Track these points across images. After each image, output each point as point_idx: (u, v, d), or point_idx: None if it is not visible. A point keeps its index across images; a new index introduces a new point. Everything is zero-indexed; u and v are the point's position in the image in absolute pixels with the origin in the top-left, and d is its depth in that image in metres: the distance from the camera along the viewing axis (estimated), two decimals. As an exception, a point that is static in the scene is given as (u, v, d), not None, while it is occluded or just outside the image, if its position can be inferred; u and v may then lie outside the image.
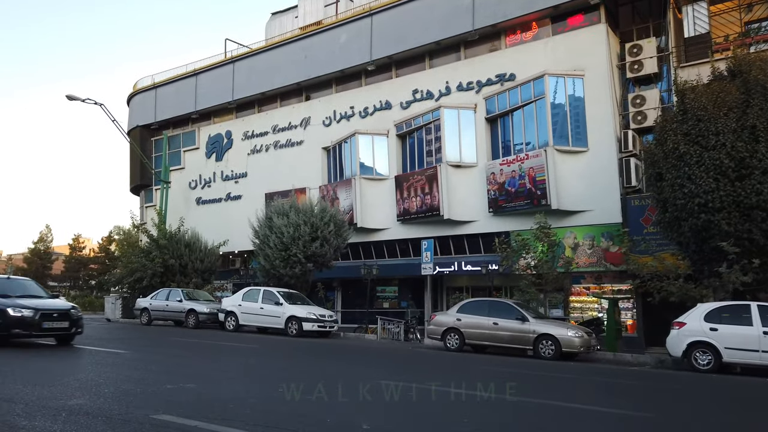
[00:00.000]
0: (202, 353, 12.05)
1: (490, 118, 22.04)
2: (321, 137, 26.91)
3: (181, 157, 32.22)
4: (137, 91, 34.44)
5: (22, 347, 10.77)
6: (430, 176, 22.27)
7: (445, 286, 25.26)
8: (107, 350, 11.09)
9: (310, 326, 17.91)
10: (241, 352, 12.25)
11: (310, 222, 20.99)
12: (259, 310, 18.83)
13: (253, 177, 29.24)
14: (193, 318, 20.23)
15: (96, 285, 67.91)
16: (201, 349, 12.70)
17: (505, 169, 20.78)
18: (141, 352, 11.28)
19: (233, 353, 12.16)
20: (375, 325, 21.75)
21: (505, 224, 21.27)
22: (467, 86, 22.58)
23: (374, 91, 25.33)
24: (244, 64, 29.57)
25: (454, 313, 15.01)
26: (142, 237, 27.82)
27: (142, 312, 21.91)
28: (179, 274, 25.24)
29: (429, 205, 22.32)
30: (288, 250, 20.80)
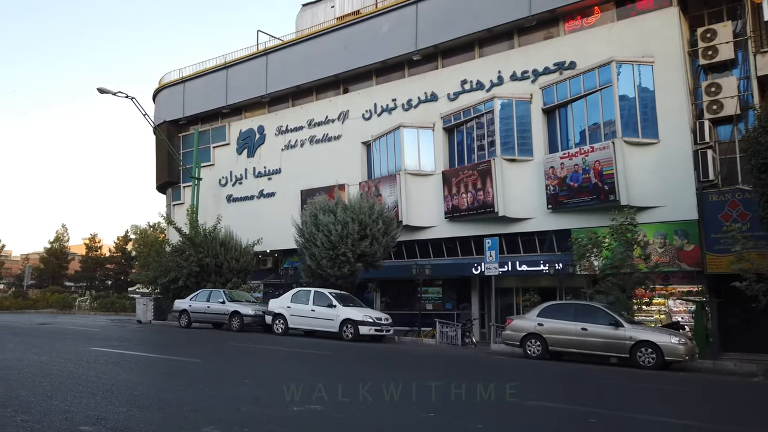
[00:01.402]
0: (278, 362, 10.88)
1: (548, 109, 20.81)
2: (360, 131, 25.77)
3: (211, 154, 31.17)
4: (164, 86, 33.43)
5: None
6: (482, 171, 21.05)
7: (493, 287, 24.01)
8: (175, 358, 9.96)
9: (366, 330, 16.77)
10: (320, 360, 11.10)
11: (358, 219, 19.85)
12: (310, 313, 17.70)
13: (287, 173, 28.14)
14: (238, 321, 19.13)
15: (113, 285, 67.27)
16: (270, 356, 11.53)
17: (567, 163, 19.53)
18: (213, 361, 10.12)
19: (312, 362, 11.01)
20: (427, 328, 20.63)
21: (565, 221, 20.04)
22: (522, 75, 21.34)
23: (418, 82, 24.14)
24: (278, 56, 28.47)
25: (534, 317, 13.79)
26: (173, 236, 26.76)
27: (181, 314, 20.84)
28: (214, 274, 24.19)
29: (482, 201, 21.11)
30: (336, 249, 19.66)
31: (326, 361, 11.19)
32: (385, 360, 12.11)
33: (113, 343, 13.26)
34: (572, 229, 19.88)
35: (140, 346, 12.55)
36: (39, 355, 9.50)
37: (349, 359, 11.94)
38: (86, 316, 32.30)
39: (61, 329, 17.43)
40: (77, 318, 28.87)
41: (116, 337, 15.24)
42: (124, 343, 13.26)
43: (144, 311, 25.63)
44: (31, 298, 39.03)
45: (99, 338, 14.06)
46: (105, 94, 24.84)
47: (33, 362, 8.62)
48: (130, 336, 15.99)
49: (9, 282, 74.79)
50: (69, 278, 71.67)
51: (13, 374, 7.30)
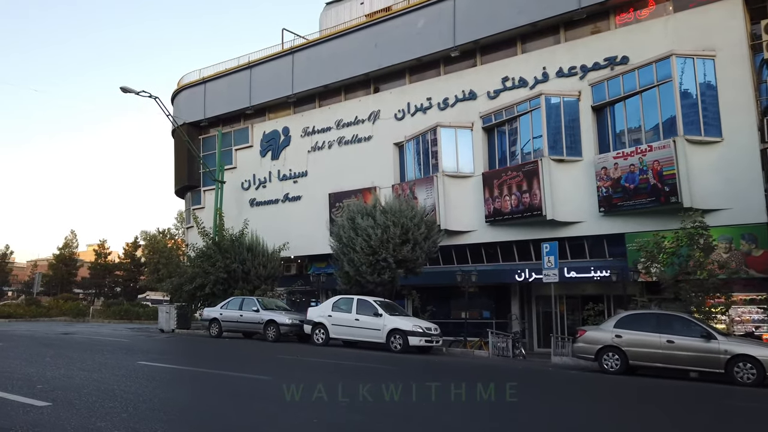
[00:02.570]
0: (350, 378, 9.73)
1: (598, 107, 19.75)
2: (392, 132, 24.75)
3: (233, 156, 30.17)
4: (183, 87, 32.49)
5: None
6: (529, 172, 19.97)
7: (533, 295, 22.93)
8: (239, 375, 8.85)
9: (416, 341, 15.64)
10: (392, 377, 9.97)
11: (400, 223, 18.77)
12: (354, 322, 16.59)
13: (314, 176, 27.11)
14: (274, 330, 18.02)
15: (122, 292, 66.30)
16: (333, 371, 10.39)
17: (621, 163, 18.44)
18: (283, 378, 8.95)
19: (385, 378, 9.87)
20: (473, 338, 19.53)
21: (618, 225, 18.94)
22: (569, 72, 20.30)
23: (455, 80, 23.12)
24: (305, 54, 27.51)
25: (611, 328, 12.64)
26: (194, 239, 25.67)
27: (211, 323, 19.73)
28: (241, 281, 23.13)
29: (528, 204, 20.01)
30: (376, 254, 18.57)
31: (398, 377, 10.07)
32: (458, 375, 10.98)
33: (154, 355, 12.17)
34: (626, 233, 18.81)
35: (187, 359, 11.47)
36: (88, 372, 8.42)
37: (419, 375, 10.82)
38: (103, 325, 31.22)
39: (88, 340, 16.35)
40: (95, 327, 27.78)
41: (153, 348, 14.16)
42: (166, 356, 12.18)
43: (167, 320, 24.50)
44: (44, 305, 37.96)
45: (137, 350, 12.98)
46: (128, 93, 23.92)
47: (87, 381, 7.54)
48: (166, 347, 14.92)
49: (17, 289, 73.88)
50: (77, 285, 70.71)
51: (74, 397, 6.23)
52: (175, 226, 67.73)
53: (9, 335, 16.42)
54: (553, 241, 17.35)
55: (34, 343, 13.66)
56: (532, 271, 20.80)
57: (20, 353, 11.06)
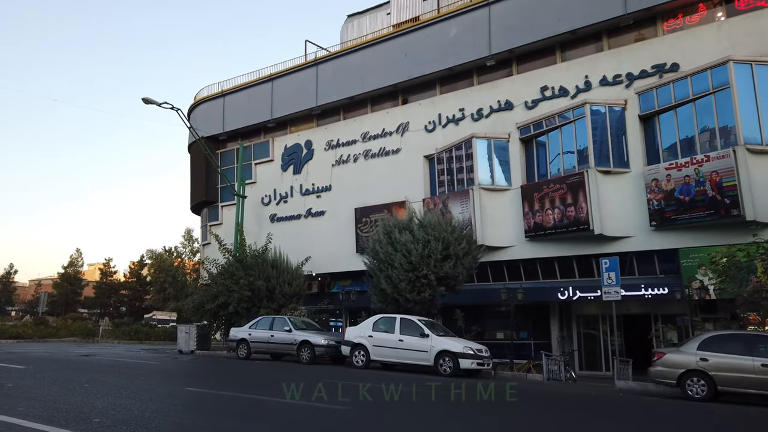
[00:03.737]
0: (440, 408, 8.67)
1: (645, 116, 18.86)
2: (422, 144, 23.87)
3: (253, 171, 29.25)
4: (201, 100, 31.71)
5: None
6: (573, 184, 19.01)
7: (573, 314, 21.82)
8: (310, 404, 7.75)
9: (468, 364, 14.52)
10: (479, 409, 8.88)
11: (440, 237, 17.76)
12: (398, 343, 15.47)
13: (338, 190, 26.16)
14: (308, 352, 16.89)
15: (127, 311, 65.07)
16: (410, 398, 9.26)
17: (674, 175, 17.48)
18: (360, 407, 7.85)
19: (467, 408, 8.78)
20: (520, 360, 18.39)
21: (672, 240, 17.92)
22: (614, 80, 19.46)
23: (490, 90, 22.29)
24: (330, 66, 26.76)
25: (694, 351, 11.55)
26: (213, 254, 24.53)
27: (239, 344, 18.59)
28: (266, 299, 22.04)
29: (573, 218, 19.01)
30: (416, 270, 17.53)
31: (484, 405, 8.96)
32: (542, 405, 9.87)
33: (196, 380, 11.07)
34: (680, 248, 17.79)
35: (233, 384, 10.36)
36: (139, 401, 7.35)
37: (507, 405, 9.70)
38: (116, 346, 30.02)
39: (113, 362, 15.24)
40: (109, 348, 26.61)
41: (188, 372, 13.07)
42: (208, 380, 11.08)
43: (186, 340, 23.35)
44: (52, 326, 36.75)
45: (173, 374, 11.91)
46: (150, 104, 23.08)
47: (145, 412, 6.48)
48: (200, 371, 13.81)
49: (20, 309, 72.55)
50: (82, 305, 69.43)
51: (146, 437, 5.18)
52: (182, 245, 66.79)
53: (29, 358, 15.32)
54: (614, 257, 16.28)
55: (61, 367, 12.56)
56: (576, 289, 19.75)
57: (52, 378, 9.99)
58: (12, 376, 10.25)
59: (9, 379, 9.64)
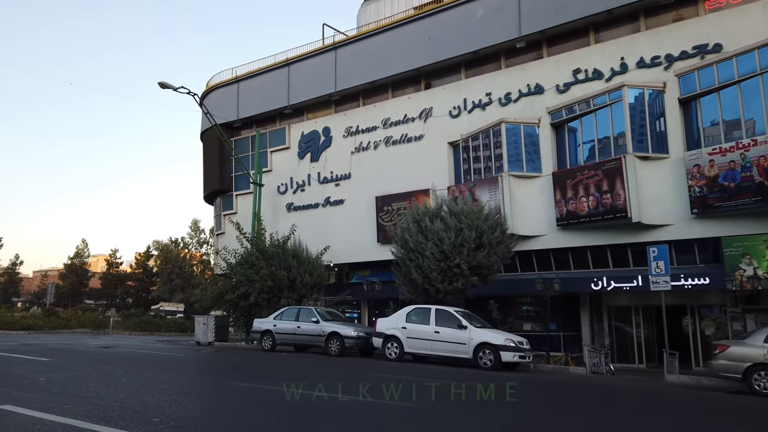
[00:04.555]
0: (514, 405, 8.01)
1: (685, 99, 18.10)
2: (446, 130, 23.12)
3: (268, 159, 28.53)
4: (214, 87, 30.95)
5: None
6: (610, 171, 18.29)
7: (604, 305, 21.17)
8: (371, 400, 7.10)
9: (510, 357, 13.87)
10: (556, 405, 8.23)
11: (474, 226, 17.06)
12: (434, 335, 14.82)
13: (358, 178, 25.45)
14: (337, 344, 16.24)
15: (134, 303, 64.65)
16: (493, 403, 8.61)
17: (718, 160, 16.76)
18: (431, 405, 7.19)
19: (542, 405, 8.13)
20: (555, 353, 17.76)
21: (715, 228, 17.23)
22: (652, 62, 18.68)
23: (519, 73, 21.51)
24: (349, 50, 25.97)
25: (761, 343, 10.89)
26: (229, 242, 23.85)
27: (263, 335, 17.96)
28: (287, 290, 21.39)
29: (609, 205, 18.30)
30: (448, 259, 16.85)
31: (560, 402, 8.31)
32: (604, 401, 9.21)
33: (236, 374, 10.44)
34: (723, 237, 17.10)
35: (275, 378, 9.70)
36: (190, 397, 6.71)
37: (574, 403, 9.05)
38: (129, 337, 29.47)
39: (138, 354, 14.64)
40: (123, 339, 26.05)
41: (220, 364, 12.45)
42: (248, 374, 10.43)
43: (204, 331, 22.77)
44: (62, 317, 36.22)
45: (209, 368, 11.29)
46: (166, 89, 22.37)
47: (204, 410, 5.85)
48: (234, 364, 13.15)
49: (27, 300, 72.11)
50: (88, 296, 68.97)
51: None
52: (189, 235, 66.20)
53: (49, 349, 14.69)
54: (663, 245, 15.58)
55: (87, 359, 11.92)
56: (611, 280, 19.08)
57: (85, 372, 9.34)
58: (41, 369, 9.62)
59: (39, 372, 9.01)
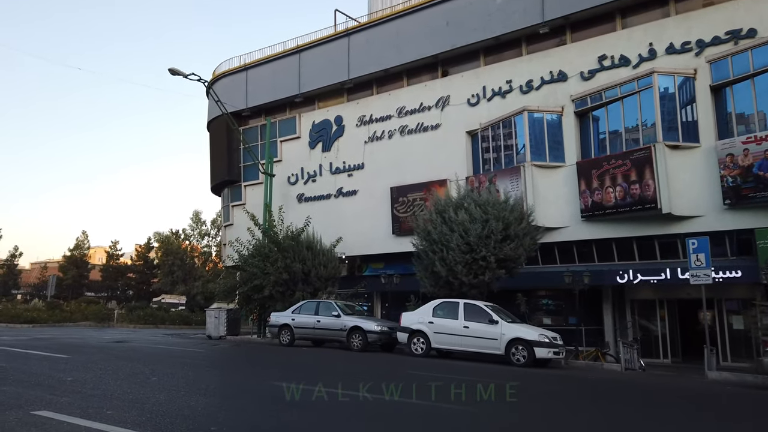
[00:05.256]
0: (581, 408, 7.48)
1: (717, 86, 17.50)
2: (464, 119, 22.47)
3: (278, 149, 27.84)
4: (222, 75, 30.20)
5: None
6: (639, 160, 17.71)
7: (627, 299, 20.64)
8: (426, 403, 6.55)
9: (544, 353, 13.35)
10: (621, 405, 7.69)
11: (500, 217, 16.50)
12: (463, 330, 14.29)
13: (372, 169, 24.81)
14: (360, 339, 15.71)
15: (135, 295, 64.14)
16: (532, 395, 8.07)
17: (753, 149, 16.19)
18: (484, 408, 6.65)
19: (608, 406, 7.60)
20: (585, 348, 17.25)
21: (748, 219, 16.66)
22: (682, 48, 18.06)
23: (541, 59, 20.86)
24: (362, 37, 25.26)
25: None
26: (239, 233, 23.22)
27: (281, 329, 17.42)
28: (301, 282, 20.85)
29: (637, 196, 17.73)
30: (474, 252, 16.29)
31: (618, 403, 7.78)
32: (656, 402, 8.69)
33: (270, 372, 9.85)
34: (756, 228, 16.57)
35: (313, 379, 9.14)
36: (246, 401, 6.14)
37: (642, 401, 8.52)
38: (136, 330, 28.94)
39: (156, 349, 14.07)
40: (132, 332, 25.51)
41: (250, 361, 11.89)
42: (283, 373, 9.84)
43: (216, 325, 22.25)
44: (66, 310, 35.65)
45: (239, 365, 10.72)
46: (176, 75, 21.72)
47: (267, 418, 5.26)
48: (263, 361, 12.58)
49: (26, 292, 71.46)
50: (88, 288, 68.37)
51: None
52: (190, 227, 65.54)
53: (63, 345, 14.13)
54: (703, 237, 15.00)
55: (107, 356, 11.35)
56: (637, 272, 18.54)
57: (111, 369, 8.78)
58: (63, 367, 9.06)
59: (63, 371, 8.45)
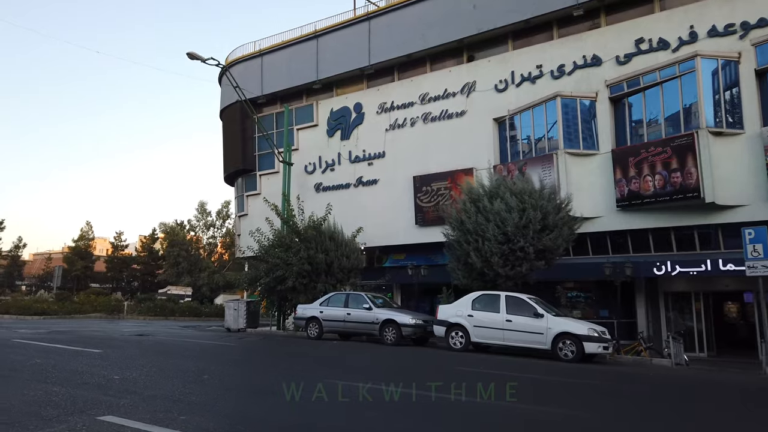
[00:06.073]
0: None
1: (762, 70, 16.80)
2: (491, 105, 21.76)
3: (295, 137, 27.11)
4: (236, 61, 29.40)
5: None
6: (680, 147, 17.02)
7: (660, 291, 20.03)
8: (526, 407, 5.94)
9: (594, 348, 12.75)
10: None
11: (538, 206, 15.84)
12: (505, 324, 13.67)
13: (393, 157, 24.12)
14: (393, 332, 15.10)
15: (140, 286, 63.67)
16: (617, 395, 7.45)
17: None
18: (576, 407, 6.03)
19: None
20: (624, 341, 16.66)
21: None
22: (725, 30, 17.34)
23: (573, 44, 20.13)
24: (384, 21, 24.49)
25: None
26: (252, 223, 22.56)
27: (308, 322, 16.81)
28: (324, 274, 20.22)
29: (679, 185, 17.06)
30: (511, 242, 15.65)
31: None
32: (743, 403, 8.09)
33: (321, 370, 9.22)
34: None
35: (371, 377, 8.53)
36: (331, 404, 5.50)
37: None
38: (149, 323, 28.36)
39: (189, 344, 13.46)
40: (148, 325, 24.91)
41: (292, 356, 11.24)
42: (332, 367, 9.23)
43: (235, 317, 21.65)
44: (75, 301, 35.07)
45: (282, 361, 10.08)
46: (195, 59, 21.02)
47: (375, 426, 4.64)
48: (301, 354, 11.96)
49: (30, 283, 70.94)
50: (93, 279, 67.83)
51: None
52: (196, 218, 64.90)
53: (87, 338, 13.52)
54: (761, 227, 14.32)
55: (143, 351, 10.71)
56: (676, 264, 17.91)
57: (156, 367, 8.14)
58: (101, 363, 8.44)
59: (104, 368, 7.83)
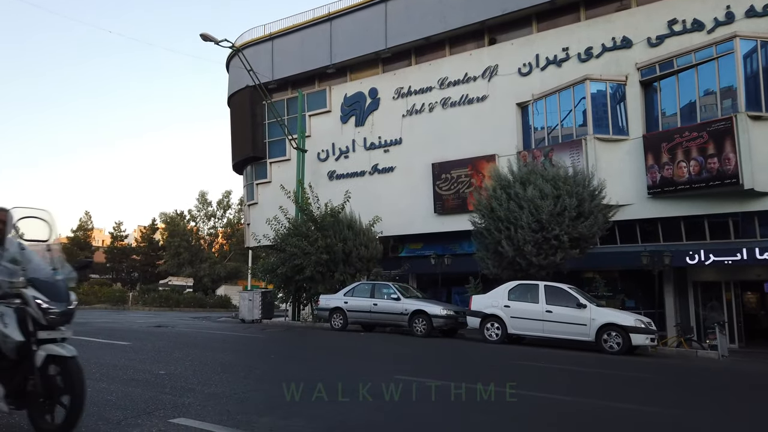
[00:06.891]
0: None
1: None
2: (514, 90, 21.05)
3: (307, 123, 26.35)
4: (245, 45, 28.49)
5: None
6: (717, 132, 16.40)
7: (689, 280, 19.50)
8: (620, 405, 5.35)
9: (642, 339, 12.20)
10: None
11: (574, 192, 15.23)
12: (544, 315, 13.09)
13: (410, 144, 23.42)
14: (424, 324, 14.50)
15: (140, 277, 62.97)
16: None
17: None
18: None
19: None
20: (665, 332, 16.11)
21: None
22: (764, 10, 16.67)
23: (602, 25, 19.43)
24: (401, 2, 23.66)
25: None
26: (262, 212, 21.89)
27: (332, 313, 16.20)
28: (342, 264, 19.61)
29: (715, 171, 16.45)
30: (545, 230, 15.04)
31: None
32: None
33: (380, 365, 8.60)
34: None
35: (438, 372, 7.93)
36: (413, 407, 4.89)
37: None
38: (157, 313, 27.78)
39: (211, 336, 12.85)
40: (158, 315, 24.32)
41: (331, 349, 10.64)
42: (384, 361, 8.62)
43: (250, 308, 21.09)
44: (80, 292, 34.41)
45: (329, 356, 9.46)
46: (208, 41, 20.32)
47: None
48: (338, 346, 11.34)
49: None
50: (93, 269, 67.12)
51: None
52: (197, 208, 64.11)
53: (105, 330, 12.90)
54: None
55: (172, 344, 10.06)
56: (710, 253, 17.36)
57: (192, 359, 7.53)
58: (135, 357, 7.81)
59: (141, 362, 7.21)
